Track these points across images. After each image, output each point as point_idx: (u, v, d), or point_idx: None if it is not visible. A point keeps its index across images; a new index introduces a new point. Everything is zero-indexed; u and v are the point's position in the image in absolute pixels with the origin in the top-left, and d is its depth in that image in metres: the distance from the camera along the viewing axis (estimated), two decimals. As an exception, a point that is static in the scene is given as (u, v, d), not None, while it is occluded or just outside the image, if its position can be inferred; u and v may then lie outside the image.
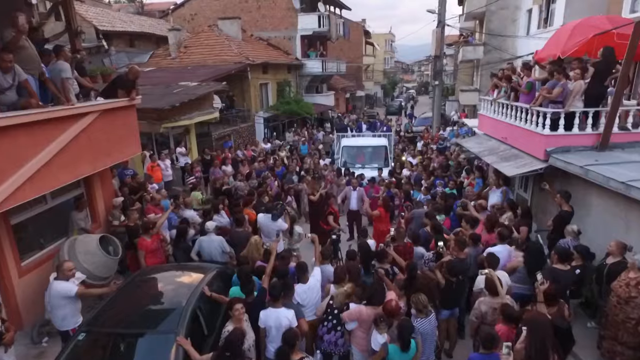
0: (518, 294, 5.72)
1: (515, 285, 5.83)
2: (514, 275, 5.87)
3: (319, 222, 9.21)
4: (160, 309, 4.95)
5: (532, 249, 6.05)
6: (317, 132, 23.35)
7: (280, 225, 7.41)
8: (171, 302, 5.07)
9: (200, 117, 14.46)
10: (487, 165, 11.96)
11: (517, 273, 5.90)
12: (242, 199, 9.20)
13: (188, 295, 5.04)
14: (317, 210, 9.18)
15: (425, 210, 8.62)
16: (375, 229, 8.74)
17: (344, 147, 14.66)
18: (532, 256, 5.89)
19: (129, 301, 5.10)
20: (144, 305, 5.04)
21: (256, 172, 11.98)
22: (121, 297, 5.12)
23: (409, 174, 12.71)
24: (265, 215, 7.47)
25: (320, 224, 9.11)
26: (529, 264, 5.77)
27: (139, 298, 5.16)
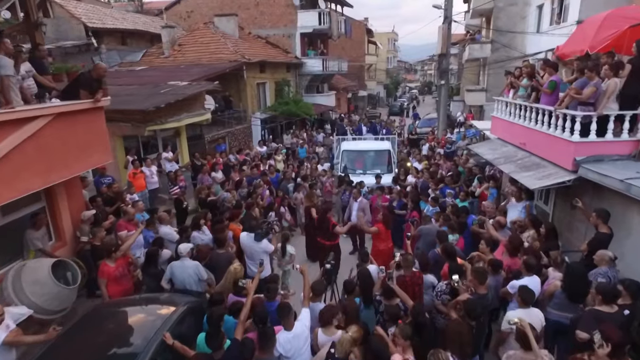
0: (556, 323, 4.92)
1: (553, 312, 4.99)
2: (552, 301, 5.05)
3: (316, 237, 8.20)
4: (108, 363, 3.96)
5: (573, 270, 5.05)
6: (317, 133, 22.33)
7: (265, 247, 6.41)
8: (125, 353, 4.08)
9: (190, 119, 13.47)
10: (500, 173, 10.94)
11: (554, 298, 5.05)
12: (228, 212, 8.19)
13: (146, 342, 4.06)
14: (316, 226, 8.15)
15: (435, 226, 7.61)
16: (374, 249, 7.72)
17: (343, 151, 13.64)
18: (572, 279, 4.94)
19: (70, 352, 4.10)
20: (88, 358, 4.04)
21: (247, 180, 10.97)
22: (61, 347, 4.12)
23: (414, 181, 11.67)
24: (249, 235, 6.47)
25: (318, 239, 8.11)
26: (569, 288, 4.89)
27: (83, 347, 4.16)
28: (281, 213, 9.97)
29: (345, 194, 10.73)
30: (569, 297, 4.90)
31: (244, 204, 8.84)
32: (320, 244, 8.07)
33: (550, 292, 5.13)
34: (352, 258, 9.48)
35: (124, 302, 5.27)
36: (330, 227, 7.96)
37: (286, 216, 9.97)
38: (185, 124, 13.46)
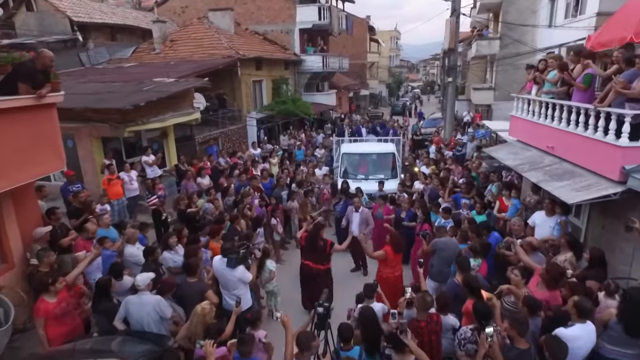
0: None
1: (606, 347, 4.04)
2: (605, 333, 4.07)
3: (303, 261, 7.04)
4: None
5: (632, 298, 3.95)
6: (317, 134, 21.16)
7: (242, 275, 5.27)
8: None
9: (176, 118, 12.34)
10: (518, 179, 9.76)
11: (609, 330, 4.06)
12: (209, 227, 7.05)
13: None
14: (303, 247, 6.98)
15: (452, 240, 6.45)
16: (379, 275, 6.57)
17: (343, 154, 12.48)
18: (631, 309, 3.91)
19: None
20: None
21: (235, 187, 9.81)
22: None
23: (422, 187, 10.49)
24: (222, 260, 5.31)
25: (305, 263, 6.95)
26: (627, 319, 3.92)
27: None
28: (272, 225, 8.81)
29: (339, 203, 9.53)
30: (627, 330, 3.93)
31: (227, 216, 7.70)
32: (309, 269, 6.86)
33: (603, 322, 4.15)
34: (353, 278, 8.35)
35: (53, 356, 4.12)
36: (328, 247, 6.81)
37: (278, 228, 8.82)
38: (171, 124, 12.33)
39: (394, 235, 6.51)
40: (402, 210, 8.97)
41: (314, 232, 6.78)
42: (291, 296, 7.68)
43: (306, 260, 6.81)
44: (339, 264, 8.45)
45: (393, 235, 6.53)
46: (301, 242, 6.88)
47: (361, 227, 8.44)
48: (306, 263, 6.81)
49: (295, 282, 8.42)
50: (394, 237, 6.50)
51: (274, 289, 7.11)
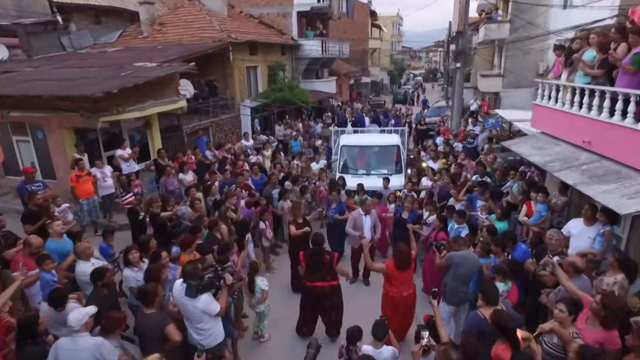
0: None
1: None
2: None
3: (304, 282, 5.94)
4: None
5: None
6: (315, 123, 19.98)
7: (205, 306, 4.17)
8: None
9: (158, 107, 11.17)
10: (539, 176, 8.64)
11: None
12: (181, 237, 5.95)
13: None
14: (313, 262, 5.84)
15: (471, 254, 5.37)
16: (386, 293, 5.53)
17: (342, 146, 11.33)
18: None
19: None
20: None
21: (220, 185, 8.71)
22: None
23: (431, 184, 9.37)
24: (183, 286, 4.22)
25: (307, 285, 5.87)
26: None
27: None
28: (261, 230, 7.73)
29: (330, 208, 8.42)
30: None
31: (206, 222, 6.61)
32: (319, 290, 5.77)
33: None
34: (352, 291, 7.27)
35: None
36: (335, 261, 5.76)
37: (267, 233, 7.73)
38: (153, 113, 11.17)
39: (400, 250, 5.40)
40: (404, 210, 7.90)
41: (316, 248, 5.73)
42: (280, 315, 6.65)
43: (313, 281, 5.72)
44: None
45: (398, 249, 5.42)
46: (302, 263, 5.81)
47: (372, 231, 7.40)
48: (315, 285, 5.71)
49: (287, 295, 7.41)
50: (400, 251, 5.39)
51: (265, 310, 6.09)
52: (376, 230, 7.52)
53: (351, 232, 7.35)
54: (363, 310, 6.64)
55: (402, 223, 7.76)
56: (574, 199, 7.67)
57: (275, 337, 6.28)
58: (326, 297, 5.82)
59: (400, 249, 5.41)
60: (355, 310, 6.43)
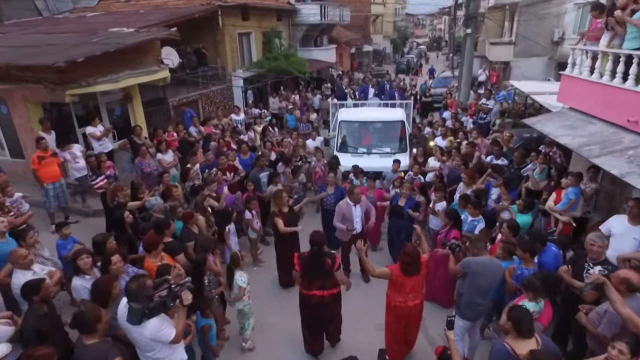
0: None
1: None
2: None
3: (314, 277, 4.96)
4: None
5: None
6: (313, 95, 18.74)
7: (154, 334, 3.25)
8: None
9: (135, 77, 10.02)
10: (561, 157, 7.63)
11: None
12: (145, 235, 5.02)
13: None
14: (311, 267, 4.83)
15: (492, 260, 4.44)
16: (388, 301, 4.65)
17: (341, 122, 10.24)
18: None
19: None
20: None
21: (201, 168, 7.73)
22: None
23: (439, 166, 8.37)
24: (127, 305, 3.30)
25: (304, 293, 4.93)
26: None
27: None
28: (247, 220, 6.80)
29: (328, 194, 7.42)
30: None
31: (179, 214, 5.67)
32: (319, 300, 4.84)
33: None
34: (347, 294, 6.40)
35: None
36: (337, 263, 4.78)
37: (254, 223, 6.80)
38: (129, 85, 10.03)
39: (407, 252, 4.45)
40: (401, 197, 6.94)
41: (316, 250, 4.72)
42: (266, 319, 5.83)
43: (310, 289, 4.77)
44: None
45: (406, 250, 4.48)
46: (297, 267, 4.85)
47: (362, 221, 6.46)
48: (313, 294, 4.77)
49: (275, 294, 6.56)
50: (407, 253, 4.45)
51: (246, 309, 5.25)
52: (369, 217, 6.57)
53: (338, 225, 6.42)
54: (361, 316, 5.82)
55: (399, 212, 6.84)
56: (604, 185, 6.70)
57: (261, 347, 5.46)
58: (327, 307, 4.93)
59: (407, 250, 4.46)
60: (352, 316, 5.59)
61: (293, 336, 5.49)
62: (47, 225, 7.84)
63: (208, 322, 4.55)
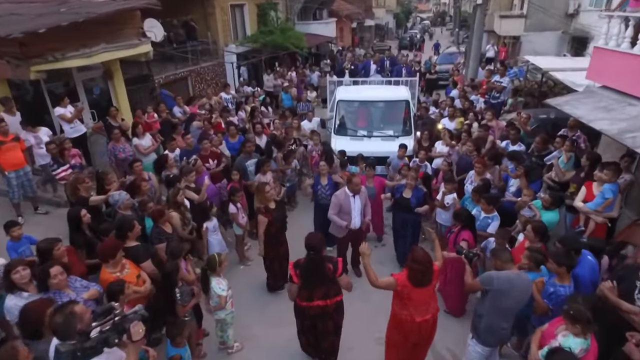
0: None
1: None
2: None
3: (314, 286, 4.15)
4: None
5: None
6: (311, 72, 17.68)
7: None
8: None
9: (111, 52, 9.06)
10: (585, 142, 6.76)
11: None
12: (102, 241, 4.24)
13: None
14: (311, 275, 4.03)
15: (521, 274, 3.64)
16: (393, 313, 3.93)
17: (339, 101, 9.31)
18: None
19: None
20: None
21: (181, 154, 6.89)
22: None
23: (447, 151, 7.52)
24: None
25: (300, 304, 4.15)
26: None
27: None
28: (231, 215, 6.00)
29: (319, 182, 6.56)
30: None
31: (149, 211, 4.88)
32: (319, 310, 4.08)
33: None
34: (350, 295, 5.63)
35: None
36: (340, 268, 4.00)
37: (239, 218, 6.01)
38: (105, 60, 9.08)
39: (416, 259, 3.66)
40: (405, 187, 6.09)
41: (314, 256, 3.93)
42: (249, 330, 5.12)
43: (311, 300, 4.02)
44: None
45: (415, 256, 3.68)
46: (294, 278, 4.05)
47: (361, 214, 5.66)
48: (315, 305, 4.02)
49: (262, 299, 5.82)
50: (416, 259, 3.66)
51: (228, 318, 4.54)
52: (366, 212, 5.76)
53: (335, 219, 5.62)
54: (358, 327, 5.07)
55: (404, 204, 6.02)
56: (638, 176, 5.86)
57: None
58: (329, 317, 4.18)
59: (417, 256, 3.66)
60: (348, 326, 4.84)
61: (281, 352, 4.78)
62: (14, 217, 7.08)
63: (179, 352, 3.81)
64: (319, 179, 6.49)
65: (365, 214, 5.73)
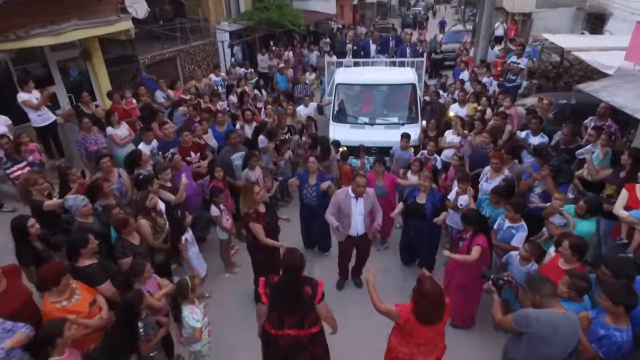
0: None
1: None
2: None
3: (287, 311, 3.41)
4: None
5: None
6: (309, 52, 16.67)
7: None
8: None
9: (84, 30, 8.19)
10: (616, 132, 5.95)
11: None
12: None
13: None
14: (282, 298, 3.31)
15: (565, 316, 2.89)
16: (389, 349, 3.31)
17: (338, 85, 8.43)
18: None
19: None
20: None
21: (159, 147, 6.08)
22: None
23: (459, 142, 6.72)
24: None
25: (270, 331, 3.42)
26: None
27: None
28: (214, 218, 5.25)
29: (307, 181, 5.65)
30: None
31: (117, 216, 4.13)
32: (289, 341, 3.38)
33: None
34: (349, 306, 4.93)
35: None
36: (318, 294, 3.26)
37: (223, 221, 5.25)
38: (74, 38, 8.17)
39: (425, 290, 2.93)
40: (420, 191, 5.23)
41: (290, 278, 3.24)
42: (231, 353, 4.41)
43: (280, 328, 3.33)
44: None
45: (423, 288, 2.95)
46: (263, 300, 3.33)
47: (366, 219, 4.87)
48: (285, 334, 3.34)
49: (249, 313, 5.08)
50: (425, 292, 2.93)
51: (204, 349, 3.82)
52: (376, 216, 4.97)
53: (331, 220, 4.87)
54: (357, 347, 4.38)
55: (418, 210, 5.19)
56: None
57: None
58: (304, 349, 3.47)
59: (425, 289, 2.93)
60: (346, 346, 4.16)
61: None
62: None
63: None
64: (307, 176, 5.65)
65: (374, 217, 4.95)
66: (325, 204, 5.35)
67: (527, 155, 6.02)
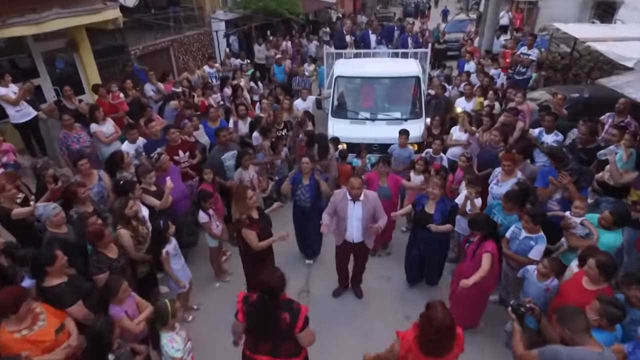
0: None
1: None
2: None
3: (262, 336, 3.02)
4: None
5: None
6: (308, 42, 16.12)
7: None
8: None
9: (67, 19, 7.70)
10: (637, 129, 5.53)
11: None
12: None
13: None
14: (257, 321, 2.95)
15: (590, 354, 2.50)
16: None
17: (337, 77, 7.97)
18: None
19: None
20: None
21: (145, 146, 5.66)
22: None
23: (467, 140, 6.29)
24: None
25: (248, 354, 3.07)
26: None
27: None
28: (202, 224, 4.84)
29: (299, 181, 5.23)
30: None
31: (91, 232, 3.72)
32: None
33: None
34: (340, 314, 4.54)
35: None
36: (300, 321, 2.86)
37: (212, 227, 4.85)
38: (56, 28, 7.66)
39: (434, 317, 2.54)
40: (429, 197, 4.70)
41: (267, 300, 2.87)
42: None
43: (254, 351, 3.01)
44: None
45: (432, 315, 2.56)
46: (239, 315, 2.95)
47: (366, 224, 4.42)
48: (258, 359, 2.99)
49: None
50: (433, 322, 2.55)
51: None
52: (379, 221, 4.50)
53: (325, 218, 4.48)
54: None
55: (426, 220, 4.58)
56: None
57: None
58: None
59: (434, 318, 2.54)
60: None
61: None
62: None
63: None
64: (300, 176, 5.22)
65: (376, 221, 4.49)
66: (320, 205, 4.95)
67: (539, 154, 5.62)
